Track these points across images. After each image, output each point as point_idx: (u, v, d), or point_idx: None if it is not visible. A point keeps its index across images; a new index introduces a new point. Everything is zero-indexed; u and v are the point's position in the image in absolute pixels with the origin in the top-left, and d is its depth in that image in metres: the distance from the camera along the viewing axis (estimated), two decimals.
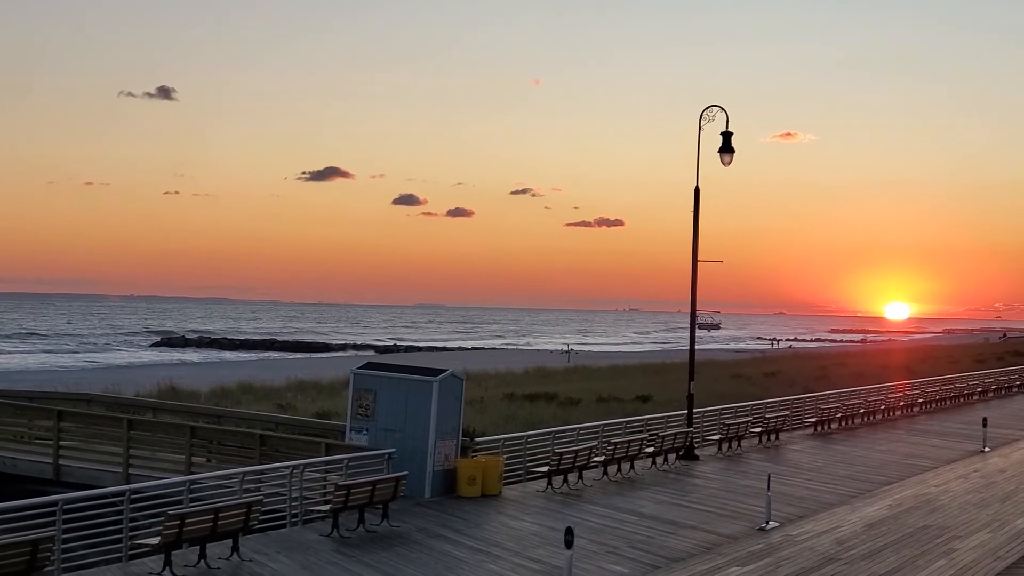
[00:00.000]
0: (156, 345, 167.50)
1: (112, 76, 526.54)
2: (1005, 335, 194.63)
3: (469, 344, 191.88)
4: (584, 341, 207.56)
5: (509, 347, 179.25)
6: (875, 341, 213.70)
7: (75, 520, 19.02)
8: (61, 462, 29.81)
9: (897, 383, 57.65)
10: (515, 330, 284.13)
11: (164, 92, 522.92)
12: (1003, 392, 62.64)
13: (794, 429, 41.05)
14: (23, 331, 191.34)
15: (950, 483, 30.62)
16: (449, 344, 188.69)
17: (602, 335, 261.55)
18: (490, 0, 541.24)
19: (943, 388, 56.28)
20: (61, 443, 30.22)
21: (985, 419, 40.04)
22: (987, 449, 37.49)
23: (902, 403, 50.36)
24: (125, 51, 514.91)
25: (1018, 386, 66.07)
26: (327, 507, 22.11)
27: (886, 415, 47.45)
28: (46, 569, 17.35)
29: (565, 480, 28.06)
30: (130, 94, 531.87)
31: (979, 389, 59.88)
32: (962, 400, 56.09)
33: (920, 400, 52.25)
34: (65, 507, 18.77)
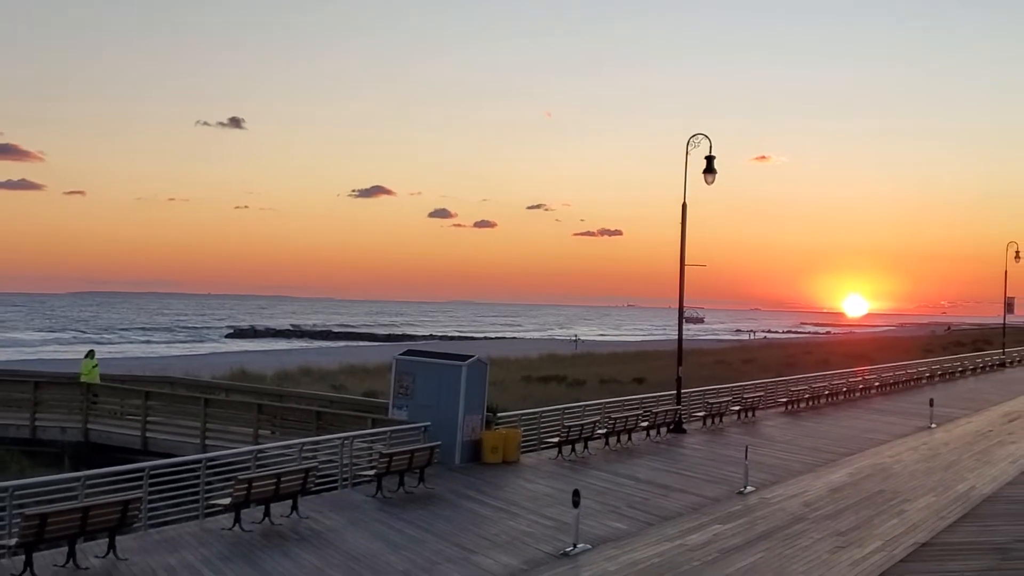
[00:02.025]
0: (229, 336, 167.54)
1: (190, 107, 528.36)
2: (949, 328, 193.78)
3: (492, 334, 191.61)
4: (588, 331, 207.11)
5: (525, 336, 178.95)
6: (838, 333, 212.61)
7: (159, 484, 18.99)
8: (148, 434, 29.86)
9: (857, 369, 57.34)
10: (530, 322, 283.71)
11: (235, 122, 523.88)
12: (948, 377, 62.23)
13: (768, 408, 40.83)
14: (121, 325, 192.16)
15: (902, 454, 30.43)
16: (475, 334, 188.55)
17: (604, 327, 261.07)
18: (508, 48, 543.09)
19: (896, 373, 55.90)
20: (148, 418, 30.26)
21: (932, 400, 39.90)
22: (933, 425, 37.26)
23: (861, 386, 50.05)
24: (202, 86, 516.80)
25: (960, 372, 65.64)
26: (372, 472, 22.04)
27: (847, 396, 47.17)
28: (135, 525, 17.34)
29: (573, 449, 27.94)
30: (206, 123, 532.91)
31: (927, 374, 59.50)
32: (912, 384, 55.69)
33: (876, 383, 51.90)
34: (151, 473, 18.73)
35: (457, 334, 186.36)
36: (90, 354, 34.90)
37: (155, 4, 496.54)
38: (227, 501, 18.48)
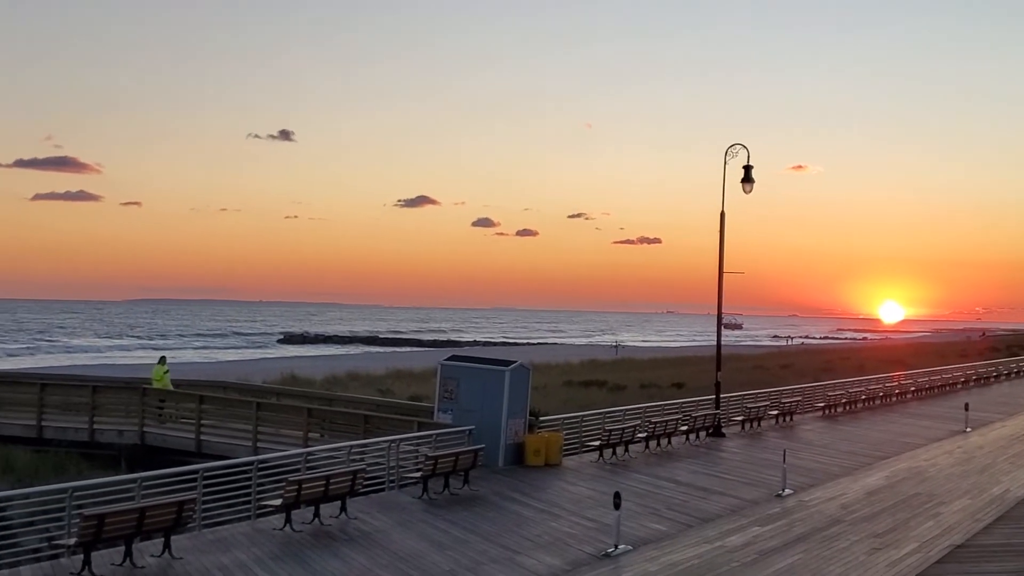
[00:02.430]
0: (280, 341, 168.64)
1: (242, 121, 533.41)
2: (984, 334, 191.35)
3: (535, 340, 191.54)
4: (629, 337, 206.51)
5: (567, 342, 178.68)
6: (874, 339, 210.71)
7: (213, 485, 19.11)
8: (202, 437, 30.02)
9: (893, 374, 56.80)
10: (572, 329, 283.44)
11: (285, 134, 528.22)
12: (982, 382, 61.55)
13: (805, 412, 40.50)
14: (177, 332, 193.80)
15: (937, 458, 30.13)
16: (518, 340, 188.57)
17: (644, 333, 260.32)
18: (550, 60, 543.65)
19: (932, 378, 55.43)
20: (202, 422, 30.46)
21: (967, 404, 39.69)
22: (969, 429, 36.84)
23: (897, 391, 49.56)
24: (253, 100, 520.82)
25: (995, 376, 64.88)
26: (418, 474, 22.08)
27: (884, 401, 46.70)
28: (189, 525, 17.48)
29: (614, 452, 27.87)
30: (256, 136, 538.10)
31: (962, 379, 58.76)
32: (948, 388, 55.11)
33: (912, 388, 51.41)
34: (205, 474, 18.86)
35: (500, 340, 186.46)
36: (162, 360, 35.05)
37: (209, 21, 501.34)
38: (278, 502, 18.58)
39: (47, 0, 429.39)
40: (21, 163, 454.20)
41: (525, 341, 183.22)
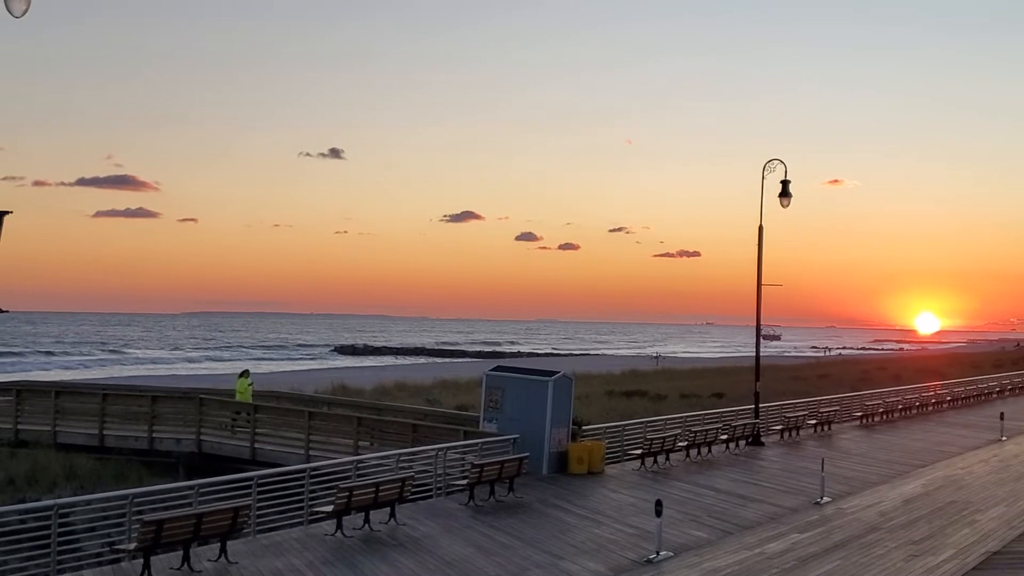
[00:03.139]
0: (333, 351, 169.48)
1: (294, 140, 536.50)
2: (1019, 344, 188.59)
3: (577, 351, 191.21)
4: (669, 348, 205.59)
5: (609, 353, 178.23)
6: (910, 350, 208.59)
7: (267, 492, 19.22)
8: (256, 445, 30.20)
9: (929, 384, 56.33)
10: (613, 339, 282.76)
11: (335, 152, 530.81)
12: (1018, 391, 60.77)
13: (843, 421, 40.18)
14: (236, 344, 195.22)
15: (973, 466, 29.80)
16: (560, 351, 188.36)
17: (684, 343, 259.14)
18: (591, 79, 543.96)
19: (967, 388, 54.91)
20: (256, 431, 30.63)
21: (1002, 413, 39.27)
22: (1004, 438, 36.44)
23: (933, 400, 49.10)
24: (304, 119, 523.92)
25: None
26: (465, 481, 22.08)
27: (920, 410, 46.27)
28: (244, 530, 17.56)
29: (655, 461, 27.75)
30: (308, 154, 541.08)
31: (997, 389, 58.14)
32: (983, 398, 54.51)
33: (948, 398, 50.90)
34: (259, 481, 18.97)
35: (544, 351, 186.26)
36: (244, 374, 34.86)
37: (261, 44, 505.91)
38: (329, 508, 18.63)
39: (107, 25, 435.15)
40: (83, 181, 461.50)
41: (568, 352, 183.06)
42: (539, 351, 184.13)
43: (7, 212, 13.61)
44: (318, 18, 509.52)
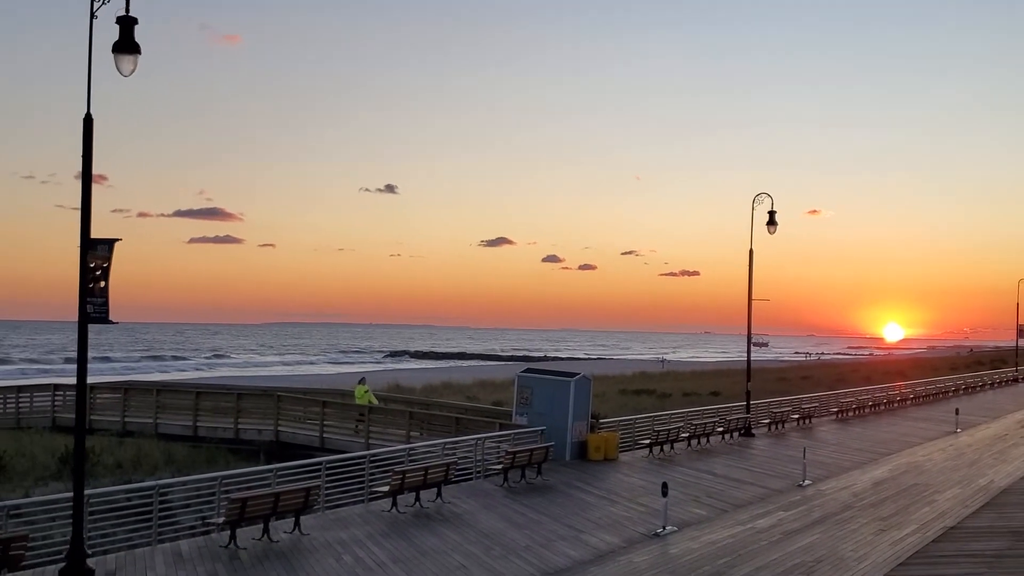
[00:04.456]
0: (387, 356, 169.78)
1: (356, 177, 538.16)
2: (971, 350, 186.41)
3: (595, 355, 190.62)
4: (674, 354, 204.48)
5: (621, 357, 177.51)
6: (879, 355, 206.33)
7: (333, 474, 19.31)
8: (324, 435, 30.30)
9: (895, 384, 55.83)
10: (625, 346, 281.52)
11: (390, 188, 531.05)
12: (970, 390, 60.08)
13: (822, 416, 39.87)
14: (306, 349, 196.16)
15: (932, 454, 29.58)
16: (581, 356, 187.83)
17: (686, 350, 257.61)
18: (605, 119, 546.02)
19: (927, 387, 54.33)
20: (324, 422, 30.75)
21: (957, 409, 39.16)
22: (959, 431, 36.13)
23: (898, 398, 48.64)
24: (364, 160, 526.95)
25: (981, 386, 63.35)
26: (500, 466, 22.11)
27: (887, 406, 45.83)
28: (314, 507, 17.66)
29: (661, 449, 27.68)
30: (367, 189, 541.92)
31: (953, 388, 57.50)
32: (941, 396, 53.93)
33: (911, 396, 50.38)
34: (327, 466, 19.06)
35: (566, 356, 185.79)
36: (362, 381, 34.48)
37: (328, 94, 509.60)
38: (386, 489, 18.71)
39: (198, 78, 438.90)
40: (179, 213, 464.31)
41: (587, 357, 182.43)
42: (562, 356, 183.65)
43: (117, 239, 13.78)
44: (372, 67, 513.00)
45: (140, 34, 13.23)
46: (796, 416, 36.97)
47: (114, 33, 13.19)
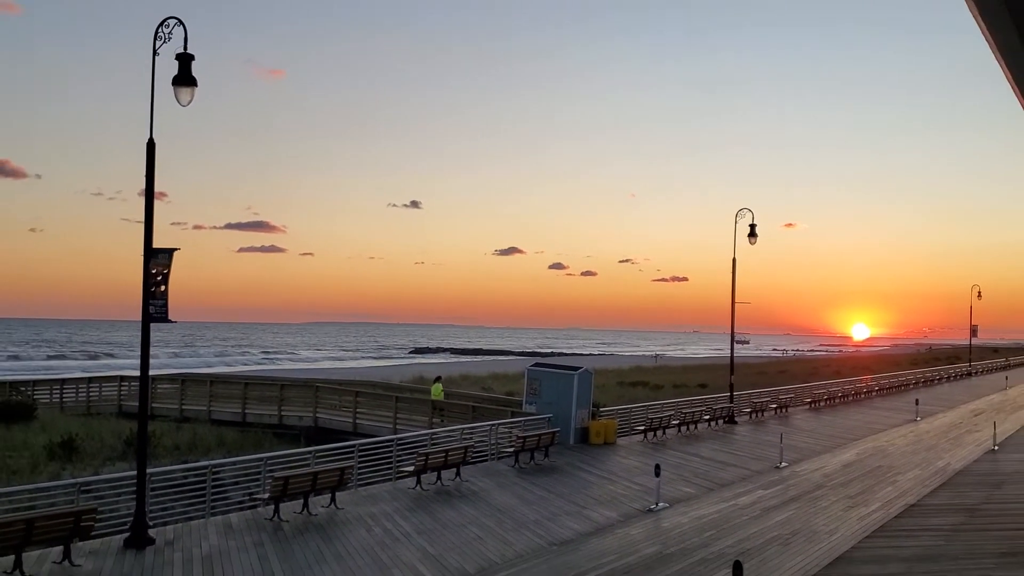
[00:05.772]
0: (412, 352, 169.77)
1: (385, 194, 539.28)
2: (930, 348, 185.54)
3: (596, 352, 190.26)
4: (666, 351, 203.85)
5: (620, 353, 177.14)
6: (847, 351, 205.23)
7: (365, 456, 19.35)
8: (357, 420, 30.38)
9: (861, 377, 55.54)
10: (623, 343, 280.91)
11: (415, 204, 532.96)
12: (929, 383, 59.82)
13: (797, 406, 39.68)
14: (343, 346, 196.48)
15: (895, 439, 29.39)
16: (583, 352, 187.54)
17: (676, 347, 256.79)
18: (603, 140, 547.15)
19: (891, 380, 54.10)
20: (357, 410, 30.80)
21: (917, 400, 39.08)
22: (919, 419, 35.89)
23: (865, 390, 48.46)
24: (392, 178, 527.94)
25: (938, 380, 63.10)
26: (512, 449, 22.11)
27: (855, 397, 45.63)
28: (348, 485, 17.68)
29: (655, 434, 27.62)
30: (394, 204, 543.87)
31: (913, 381, 57.29)
32: (902, 388, 53.61)
33: (876, 388, 50.17)
34: (359, 448, 19.11)
35: (571, 352, 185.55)
36: (438, 379, 34.17)
37: (359, 117, 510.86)
38: (411, 469, 18.75)
39: (243, 105, 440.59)
40: (229, 225, 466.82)
41: (589, 353, 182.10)
42: (567, 352, 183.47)
43: (176, 249, 13.87)
44: (398, 98, 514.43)
45: (196, 69, 13.34)
46: (774, 406, 36.78)
47: (174, 68, 13.30)
